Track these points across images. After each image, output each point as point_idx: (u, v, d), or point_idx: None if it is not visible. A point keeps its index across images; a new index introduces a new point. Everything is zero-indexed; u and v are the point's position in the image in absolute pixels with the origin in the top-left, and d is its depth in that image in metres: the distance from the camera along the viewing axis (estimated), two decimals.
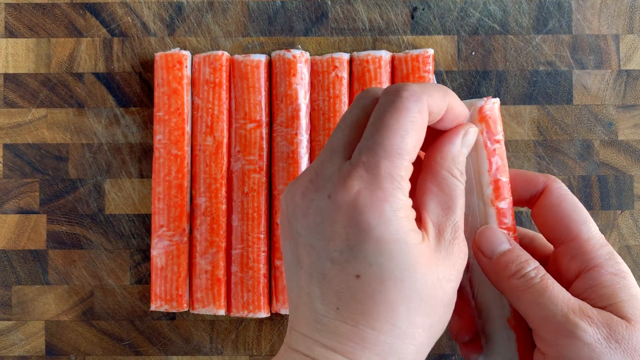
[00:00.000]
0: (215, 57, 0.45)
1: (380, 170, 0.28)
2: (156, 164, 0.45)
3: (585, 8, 0.47)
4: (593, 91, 0.47)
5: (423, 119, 0.30)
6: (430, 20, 0.47)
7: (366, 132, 0.30)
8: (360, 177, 0.28)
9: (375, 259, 0.28)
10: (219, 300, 0.44)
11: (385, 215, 0.28)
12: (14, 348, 0.46)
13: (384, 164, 0.28)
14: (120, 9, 0.47)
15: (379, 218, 0.28)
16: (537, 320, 0.31)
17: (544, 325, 0.30)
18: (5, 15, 0.47)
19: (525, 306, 0.31)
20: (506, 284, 0.32)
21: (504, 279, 0.32)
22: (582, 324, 0.29)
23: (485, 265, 0.33)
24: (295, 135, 0.44)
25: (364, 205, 0.28)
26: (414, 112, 0.29)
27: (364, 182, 0.28)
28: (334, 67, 0.45)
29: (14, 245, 0.47)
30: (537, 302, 0.30)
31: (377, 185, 0.28)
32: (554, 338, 0.30)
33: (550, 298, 0.30)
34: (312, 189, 0.30)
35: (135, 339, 0.46)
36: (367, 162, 0.29)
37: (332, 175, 0.29)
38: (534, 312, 0.31)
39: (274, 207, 0.45)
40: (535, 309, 0.31)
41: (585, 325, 0.29)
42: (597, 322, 0.30)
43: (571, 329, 0.29)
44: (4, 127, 0.47)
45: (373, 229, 0.28)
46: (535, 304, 0.30)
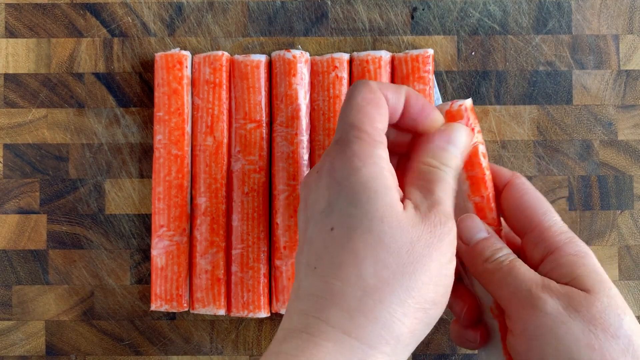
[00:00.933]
0: (216, 57, 0.45)
1: (348, 137, 0.32)
2: (156, 164, 0.45)
3: (585, 8, 0.47)
4: (593, 91, 0.47)
5: (376, 98, 0.33)
6: (430, 20, 0.47)
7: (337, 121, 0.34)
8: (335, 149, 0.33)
9: (346, 209, 0.30)
10: (219, 300, 0.44)
11: (353, 166, 0.31)
12: (14, 348, 0.46)
13: (349, 133, 0.32)
14: (120, 9, 0.47)
15: (349, 170, 0.31)
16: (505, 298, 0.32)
17: (511, 301, 0.32)
18: (5, 15, 0.47)
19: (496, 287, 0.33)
20: (480, 268, 0.34)
21: (478, 263, 0.34)
22: (543, 296, 0.31)
23: (464, 252, 0.35)
24: (295, 135, 0.45)
25: (337, 163, 0.32)
26: (365, 92, 0.33)
27: (337, 149, 0.32)
28: (334, 67, 0.45)
29: (14, 245, 0.47)
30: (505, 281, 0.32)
31: (346, 146, 0.32)
32: (519, 313, 0.32)
33: (517, 276, 0.32)
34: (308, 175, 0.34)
35: (136, 338, 0.47)
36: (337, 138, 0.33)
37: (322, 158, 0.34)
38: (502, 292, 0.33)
39: (274, 207, 0.45)
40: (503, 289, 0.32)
41: (546, 296, 0.31)
42: (557, 293, 0.31)
43: (534, 301, 0.31)
44: (4, 127, 0.47)
45: (344, 181, 0.31)
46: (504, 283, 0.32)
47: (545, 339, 0.30)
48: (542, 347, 0.30)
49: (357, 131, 0.32)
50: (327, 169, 0.32)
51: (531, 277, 0.32)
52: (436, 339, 0.46)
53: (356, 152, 0.31)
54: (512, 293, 0.32)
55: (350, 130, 0.32)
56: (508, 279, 0.32)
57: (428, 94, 0.44)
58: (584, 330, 0.30)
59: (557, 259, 0.33)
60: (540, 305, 0.31)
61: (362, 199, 0.30)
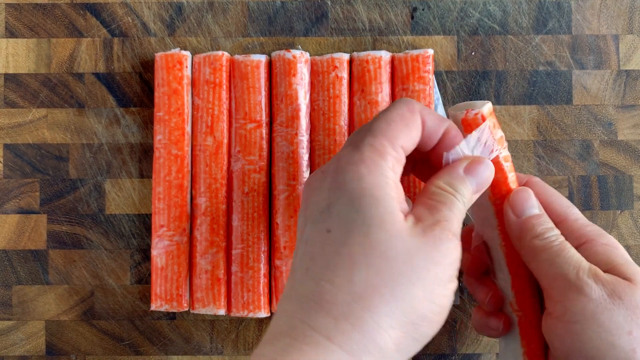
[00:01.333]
0: (216, 57, 0.45)
1: (363, 142, 0.32)
2: (156, 164, 0.45)
3: (585, 8, 0.47)
4: (593, 91, 0.47)
5: (413, 118, 0.32)
6: (430, 20, 0.47)
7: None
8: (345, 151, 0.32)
9: (346, 212, 0.30)
10: (219, 300, 0.44)
11: (359, 174, 0.30)
12: (14, 348, 0.46)
13: (367, 139, 0.32)
14: (120, 9, 0.47)
15: (354, 175, 0.30)
16: (549, 278, 0.32)
17: (555, 283, 0.32)
18: (5, 15, 0.47)
19: (541, 265, 0.33)
20: (528, 244, 0.34)
21: (527, 238, 0.34)
22: (589, 282, 0.31)
23: (513, 223, 0.35)
24: (295, 135, 0.45)
25: (343, 166, 0.31)
26: (403, 109, 0.33)
27: (348, 152, 0.32)
28: (334, 67, 0.45)
29: (15, 245, 0.47)
30: (553, 261, 0.32)
31: (357, 151, 0.31)
32: (563, 295, 0.32)
33: (566, 258, 0.32)
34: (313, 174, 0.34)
35: (136, 338, 0.47)
36: (354, 140, 0.32)
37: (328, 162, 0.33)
38: (548, 271, 0.33)
39: (274, 207, 0.45)
40: (549, 268, 0.32)
41: (592, 282, 0.31)
42: (603, 280, 0.31)
43: (580, 285, 0.31)
44: (5, 127, 0.47)
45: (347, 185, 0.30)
46: (550, 263, 0.32)
47: (587, 323, 0.31)
48: (582, 331, 0.31)
49: (373, 139, 0.31)
50: (333, 170, 0.32)
51: (580, 261, 0.32)
52: (436, 339, 0.46)
53: (365, 158, 0.31)
54: (558, 274, 0.32)
55: (367, 137, 0.32)
56: (556, 259, 0.32)
57: (428, 94, 0.44)
58: (626, 318, 0.31)
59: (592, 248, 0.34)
60: (586, 291, 0.31)
61: (362, 204, 0.30)
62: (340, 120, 0.45)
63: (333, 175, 0.31)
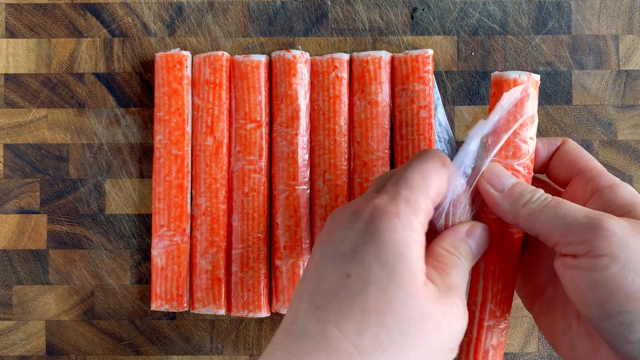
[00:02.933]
0: (216, 57, 0.45)
1: (400, 195, 0.32)
2: (156, 164, 0.45)
3: (585, 8, 0.47)
4: (592, 91, 0.47)
5: (444, 171, 0.33)
6: (430, 20, 0.47)
7: (396, 175, 0.34)
8: (382, 198, 0.32)
9: (370, 261, 0.30)
10: (219, 300, 0.44)
11: (393, 226, 0.30)
12: (14, 348, 0.47)
13: (403, 192, 0.32)
14: (120, 10, 0.47)
15: (387, 226, 0.30)
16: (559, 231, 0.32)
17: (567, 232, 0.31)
18: (5, 15, 0.47)
19: (545, 225, 0.32)
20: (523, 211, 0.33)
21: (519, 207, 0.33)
22: (606, 217, 0.31)
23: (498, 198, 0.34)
24: (295, 135, 0.45)
25: (378, 215, 0.31)
26: (437, 162, 0.33)
27: (384, 201, 0.32)
28: (334, 68, 0.45)
29: (15, 245, 0.47)
30: (557, 215, 0.32)
31: (393, 204, 0.31)
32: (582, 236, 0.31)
33: (569, 208, 0.32)
34: (343, 208, 0.33)
35: (136, 338, 0.47)
36: (390, 190, 0.32)
37: (360, 200, 0.33)
38: (554, 226, 0.32)
39: (274, 207, 0.45)
40: (555, 223, 0.32)
41: (609, 218, 0.31)
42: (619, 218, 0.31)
43: (597, 222, 0.31)
44: (5, 127, 0.47)
45: (378, 234, 0.30)
46: (555, 218, 0.32)
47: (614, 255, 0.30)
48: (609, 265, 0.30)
49: (410, 193, 0.32)
50: (367, 217, 0.31)
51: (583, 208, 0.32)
52: None
53: (401, 212, 0.31)
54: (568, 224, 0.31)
55: (404, 189, 0.32)
56: (559, 212, 0.32)
57: (428, 94, 0.44)
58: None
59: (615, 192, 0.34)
60: (605, 224, 0.30)
61: (388, 258, 0.30)
62: (340, 120, 0.45)
63: (367, 221, 0.31)
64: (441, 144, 0.46)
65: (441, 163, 0.33)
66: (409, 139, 0.45)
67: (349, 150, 0.45)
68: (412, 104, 0.44)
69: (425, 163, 0.33)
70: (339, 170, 0.45)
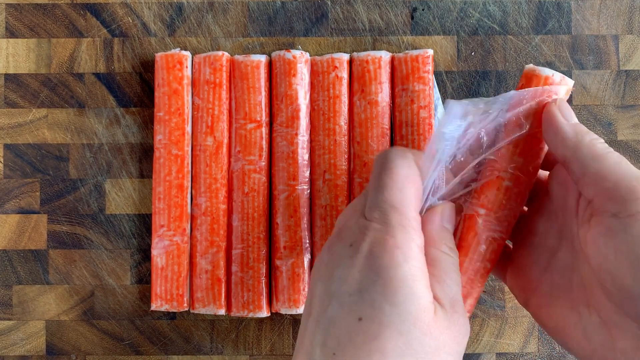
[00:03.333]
0: (216, 57, 0.45)
1: (392, 222, 0.31)
2: (156, 164, 0.45)
3: (585, 8, 0.47)
4: (592, 91, 0.47)
5: (414, 172, 0.32)
6: (430, 20, 0.47)
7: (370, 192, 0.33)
8: (376, 229, 0.31)
9: (380, 302, 0.29)
10: (219, 300, 0.44)
11: (395, 260, 0.30)
12: (14, 348, 0.47)
13: (393, 216, 0.31)
14: (120, 10, 0.47)
15: (390, 262, 0.30)
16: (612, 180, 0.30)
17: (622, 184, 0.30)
18: (5, 15, 0.47)
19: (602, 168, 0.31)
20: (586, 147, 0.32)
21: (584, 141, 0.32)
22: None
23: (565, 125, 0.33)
24: (295, 135, 0.45)
25: (378, 251, 0.30)
26: (404, 168, 0.32)
27: (379, 232, 0.31)
28: (334, 68, 0.45)
29: (15, 245, 0.47)
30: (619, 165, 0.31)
31: (390, 235, 0.31)
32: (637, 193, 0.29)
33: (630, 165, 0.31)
34: (337, 240, 0.33)
35: (136, 338, 0.47)
36: (379, 217, 0.31)
37: (353, 228, 0.32)
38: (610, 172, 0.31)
39: (274, 207, 0.45)
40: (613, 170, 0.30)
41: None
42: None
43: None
44: (5, 127, 0.47)
45: (383, 272, 0.30)
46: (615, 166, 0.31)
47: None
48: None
49: (400, 216, 0.31)
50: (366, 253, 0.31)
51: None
52: None
53: (400, 244, 0.30)
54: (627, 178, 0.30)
55: (394, 214, 0.31)
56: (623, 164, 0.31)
57: (428, 94, 0.44)
58: None
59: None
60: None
61: (398, 297, 0.29)
62: (340, 120, 0.45)
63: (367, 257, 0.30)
64: None
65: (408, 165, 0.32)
66: (409, 139, 0.45)
67: (349, 150, 0.45)
68: (412, 104, 0.44)
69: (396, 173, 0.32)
70: (339, 170, 0.45)
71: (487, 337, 0.46)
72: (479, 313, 0.46)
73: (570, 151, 0.32)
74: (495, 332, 0.46)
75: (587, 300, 0.32)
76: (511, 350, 0.46)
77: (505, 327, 0.46)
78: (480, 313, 0.46)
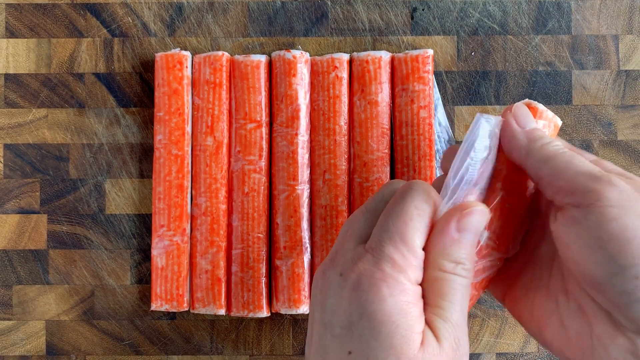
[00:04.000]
0: (216, 57, 0.45)
1: (384, 254, 0.30)
2: (156, 164, 0.45)
3: (585, 8, 0.47)
4: (592, 91, 0.47)
5: (427, 208, 0.31)
6: (430, 20, 0.47)
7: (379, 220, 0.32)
8: (367, 260, 0.31)
9: (367, 337, 0.30)
10: (219, 300, 0.44)
11: (381, 295, 0.30)
12: (14, 348, 0.47)
13: (387, 248, 0.31)
14: (120, 10, 0.47)
15: (375, 296, 0.30)
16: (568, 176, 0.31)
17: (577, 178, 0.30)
18: (5, 15, 0.47)
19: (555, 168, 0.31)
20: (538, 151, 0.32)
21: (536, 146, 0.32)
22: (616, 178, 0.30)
23: (517, 132, 0.33)
24: (295, 135, 0.45)
25: (364, 284, 0.30)
26: (419, 201, 0.31)
27: (369, 264, 0.31)
28: (334, 68, 0.45)
29: (15, 245, 0.47)
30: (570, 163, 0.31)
31: (378, 267, 0.30)
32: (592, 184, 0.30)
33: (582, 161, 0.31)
34: (330, 266, 0.32)
35: (136, 338, 0.47)
36: (374, 247, 0.31)
37: (347, 255, 0.32)
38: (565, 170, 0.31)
39: (274, 207, 0.45)
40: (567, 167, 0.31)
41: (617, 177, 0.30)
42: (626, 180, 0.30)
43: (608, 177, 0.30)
44: (5, 127, 0.47)
45: (369, 307, 0.30)
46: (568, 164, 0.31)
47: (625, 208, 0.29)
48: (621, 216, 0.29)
49: (394, 249, 0.30)
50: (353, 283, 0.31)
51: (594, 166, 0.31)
52: None
53: (386, 277, 0.30)
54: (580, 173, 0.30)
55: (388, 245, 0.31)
56: (574, 160, 0.31)
57: (428, 94, 0.44)
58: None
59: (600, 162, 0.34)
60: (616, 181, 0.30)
61: (382, 332, 0.29)
62: (340, 120, 0.45)
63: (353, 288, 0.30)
64: (441, 144, 0.46)
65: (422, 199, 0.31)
66: (409, 139, 0.45)
67: (349, 150, 0.45)
68: (412, 104, 0.44)
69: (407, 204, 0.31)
70: (339, 170, 0.45)
71: (487, 337, 0.46)
72: (479, 313, 0.46)
73: (523, 158, 0.33)
74: (495, 332, 0.46)
75: (566, 288, 0.33)
76: (511, 350, 0.46)
77: (505, 327, 0.46)
78: (480, 313, 0.46)
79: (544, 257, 0.35)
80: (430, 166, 0.44)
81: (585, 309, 0.31)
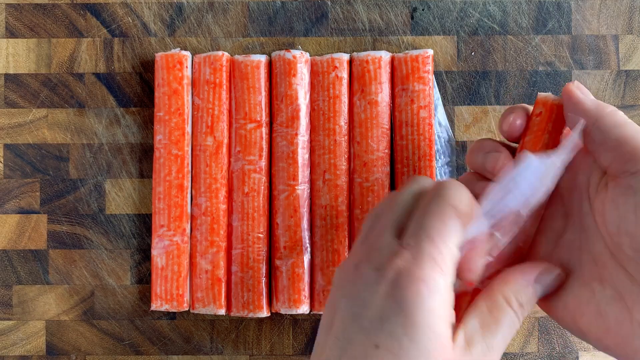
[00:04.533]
0: (216, 57, 0.45)
1: (423, 253, 0.30)
2: (156, 164, 0.45)
3: (585, 8, 0.47)
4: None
5: (465, 207, 0.32)
6: (430, 20, 0.47)
7: (414, 217, 0.32)
8: (406, 259, 0.31)
9: (398, 334, 0.29)
10: (219, 300, 0.44)
11: (420, 294, 0.30)
12: (14, 348, 0.47)
13: (426, 246, 0.31)
14: (120, 10, 0.47)
15: (414, 296, 0.30)
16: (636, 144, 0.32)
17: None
18: (5, 15, 0.47)
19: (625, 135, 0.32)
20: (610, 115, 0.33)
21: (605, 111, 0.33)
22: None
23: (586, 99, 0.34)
24: (295, 135, 0.45)
25: (403, 282, 0.30)
26: (455, 200, 0.32)
27: (407, 262, 0.30)
28: (333, 68, 0.45)
29: (15, 245, 0.47)
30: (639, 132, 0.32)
31: (417, 266, 0.30)
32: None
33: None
34: (365, 260, 0.32)
35: (136, 338, 0.47)
36: (412, 245, 0.31)
37: (383, 250, 0.32)
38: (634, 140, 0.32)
39: (274, 207, 0.45)
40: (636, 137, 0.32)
41: None
42: None
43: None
44: (5, 127, 0.47)
45: (406, 305, 0.30)
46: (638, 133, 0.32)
47: None
48: None
49: (434, 248, 0.31)
50: (392, 281, 0.30)
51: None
52: None
53: (426, 277, 0.30)
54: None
55: (428, 244, 0.31)
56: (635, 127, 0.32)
57: (428, 94, 0.44)
58: None
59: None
60: None
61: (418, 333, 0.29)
62: (340, 120, 0.45)
63: (392, 285, 0.30)
64: (441, 144, 0.46)
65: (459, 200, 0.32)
66: (409, 139, 0.45)
67: (349, 150, 0.45)
68: (412, 104, 0.44)
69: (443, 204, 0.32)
70: (339, 170, 0.45)
71: None
72: None
73: (591, 122, 0.33)
74: None
75: (600, 275, 0.33)
76: (511, 350, 0.46)
77: None
78: None
79: (570, 245, 0.35)
80: (430, 166, 0.44)
81: (624, 294, 0.31)
